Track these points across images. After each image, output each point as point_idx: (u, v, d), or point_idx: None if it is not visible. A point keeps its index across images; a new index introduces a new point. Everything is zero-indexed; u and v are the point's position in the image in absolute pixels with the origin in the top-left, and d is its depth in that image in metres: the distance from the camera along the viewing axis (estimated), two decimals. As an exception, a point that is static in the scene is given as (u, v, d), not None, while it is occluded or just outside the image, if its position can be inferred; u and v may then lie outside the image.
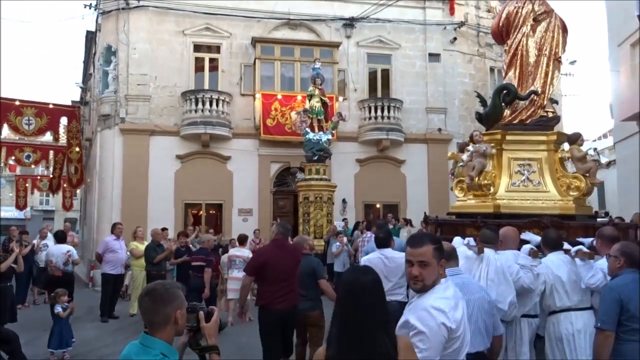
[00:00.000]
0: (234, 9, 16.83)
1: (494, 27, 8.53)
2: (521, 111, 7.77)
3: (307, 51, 17.01)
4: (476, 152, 7.40)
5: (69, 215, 36.00)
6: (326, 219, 14.40)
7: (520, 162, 7.46)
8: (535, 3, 7.91)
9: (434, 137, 17.88)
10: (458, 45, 18.59)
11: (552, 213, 6.75)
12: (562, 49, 7.90)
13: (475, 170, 7.37)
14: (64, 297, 7.67)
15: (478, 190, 7.49)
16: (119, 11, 16.18)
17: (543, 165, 7.40)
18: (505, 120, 7.82)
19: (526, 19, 7.84)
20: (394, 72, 18.14)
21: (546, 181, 7.35)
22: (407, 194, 17.60)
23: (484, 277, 4.52)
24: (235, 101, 16.65)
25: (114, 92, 16.19)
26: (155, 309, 2.29)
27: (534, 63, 7.75)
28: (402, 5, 17.99)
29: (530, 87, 7.67)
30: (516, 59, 7.90)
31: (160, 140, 16.12)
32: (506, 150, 7.53)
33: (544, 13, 7.88)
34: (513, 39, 7.95)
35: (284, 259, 5.73)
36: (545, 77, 7.71)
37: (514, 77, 7.88)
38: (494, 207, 7.10)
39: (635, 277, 3.58)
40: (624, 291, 3.52)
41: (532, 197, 7.26)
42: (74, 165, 21.24)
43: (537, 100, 7.63)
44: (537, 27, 7.83)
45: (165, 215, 15.37)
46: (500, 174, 7.52)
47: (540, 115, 7.65)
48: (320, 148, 14.53)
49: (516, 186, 7.40)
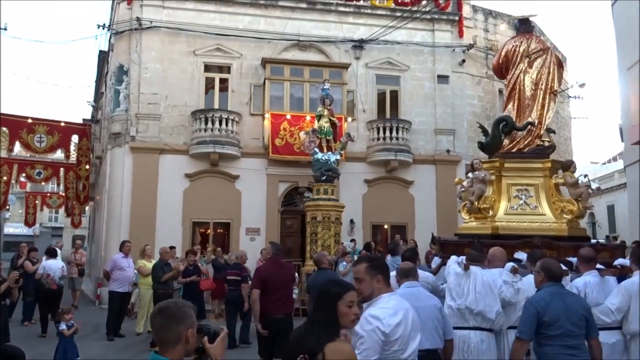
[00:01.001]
0: (245, 30, 17.04)
1: (494, 64, 9.38)
2: (519, 140, 8.50)
3: (316, 72, 17.13)
4: (476, 178, 8.07)
5: (78, 233, 36.16)
6: (334, 239, 14.33)
7: (519, 188, 8.16)
8: (532, 41, 8.70)
9: (442, 158, 17.86)
10: (467, 67, 18.67)
11: (546, 234, 7.36)
12: (557, 83, 8.62)
13: (475, 195, 8.06)
14: (69, 315, 7.65)
15: (478, 213, 8.14)
16: (131, 31, 16.42)
17: (539, 191, 8.05)
18: (504, 149, 8.56)
19: (523, 56, 8.62)
20: (402, 94, 18.21)
21: (542, 205, 7.99)
22: (416, 215, 17.53)
23: (472, 290, 5.14)
24: (244, 121, 16.76)
25: (125, 111, 16.35)
26: (168, 327, 2.29)
27: (530, 96, 8.48)
28: (411, 28, 18.15)
29: (527, 119, 8.38)
30: (514, 93, 8.63)
31: (169, 158, 16.22)
32: (505, 177, 8.23)
33: (540, 50, 8.65)
34: (512, 75, 8.69)
35: (280, 274, 6.82)
36: (541, 109, 8.44)
37: (513, 109, 8.62)
38: (492, 228, 7.81)
39: (552, 290, 4.14)
40: (540, 305, 4.06)
41: (528, 220, 7.91)
42: (82, 183, 21.42)
43: (534, 130, 8.33)
44: (534, 63, 8.59)
45: (173, 233, 15.39)
46: (499, 198, 8.21)
47: (537, 144, 8.37)
48: (329, 168, 14.53)
49: (514, 209, 8.11)
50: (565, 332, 3.96)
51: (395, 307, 3.28)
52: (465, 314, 5.14)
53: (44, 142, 19.03)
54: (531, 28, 9.41)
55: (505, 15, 20.35)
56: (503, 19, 19.98)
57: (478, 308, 5.09)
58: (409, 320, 3.26)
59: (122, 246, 11.09)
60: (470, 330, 5.11)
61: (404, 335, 3.19)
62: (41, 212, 33.85)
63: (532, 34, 9.18)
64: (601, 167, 39.18)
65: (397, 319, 3.20)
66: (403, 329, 3.20)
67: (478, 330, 5.11)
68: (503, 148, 8.60)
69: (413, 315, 3.33)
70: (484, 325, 5.11)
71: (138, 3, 16.58)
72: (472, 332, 5.10)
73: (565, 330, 3.97)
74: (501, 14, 20.22)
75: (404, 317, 3.25)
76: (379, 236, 17.27)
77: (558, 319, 3.98)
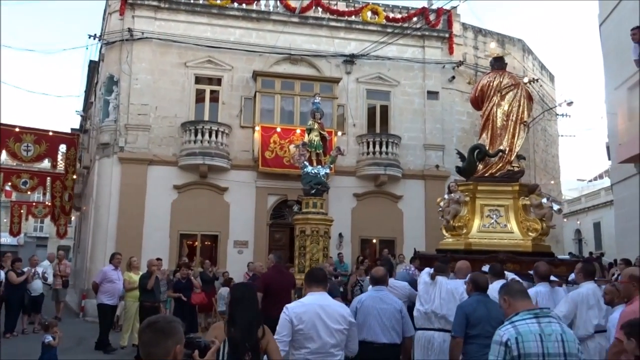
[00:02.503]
0: (236, 43, 17.08)
1: (471, 97, 10.29)
2: (492, 166, 9.48)
3: (307, 86, 17.19)
4: (451, 199, 9.14)
5: (63, 243, 35.71)
6: (322, 253, 14.26)
7: (490, 208, 9.14)
8: (504, 77, 9.67)
9: (431, 173, 17.92)
10: (456, 83, 18.84)
11: (512, 250, 8.29)
12: (527, 114, 9.60)
13: (450, 214, 9.12)
14: (56, 327, 7.53)
15: (453, 230, 9.14)
16: (122, 42, 16.38)
17: (509, 211, 9.00)
18: (478, 173, 9.53)
19: (496, 90, 9.60)
20: (392, 109, 18.31)
21: (511, 224, 8.94)
22: (404, 230, 17.53)
23: (437, 297, 6.00)
24: (234, 133, 16.73)
25: (114, 121, 16.25)
26: (157, 342, 2.27)
27: (502, 127, 9.47)
28: (401, 44, 18.31)
29: (499, 147, 9.39)
30: (488, 123, 9.62)
31: (158, 170, 16.11)
32: (479, 198, 9.20)
33: (512, 85, 9.61)
34: (486, 107, 9.69)
35: (281, 280, 7.70)
36: (512, 138, 9.40)
37: (487, 137, 9.63)
38: (465, 244, 8.78)
39: (479, 298, 4.97)
40: (468, 309, 4.91)
41: (498, 237, 8.87)
42: (68, 193, 21.20)
43: (505, 157, 9.32)
44: (506, 96, 9.55)
45: (160, 245, 15.25)
46: (473, 217, 9.16)
47: (508, 170, 9.30)
48: (318, 182, 14.48)
49: (486, 227, 9.06)
50: (484, 333, 4.53)
51: (303, 302, 4.27)
52: (431, 317, 5.98)
53: (31, 151, 18.85)
54: (504, 65, 10.31)
55: (495, 33, 20.62)
56: (492, 36, 20.24)
57: (442, 312, 5.93)
58: (313, 315, 4.08)
59: (112, 258, 10.96)
60: (435, 331, 5.94)
61: (309, 323, 4.03)
62: (26, 222, 33.42)
63: (504, 71, 10.08)
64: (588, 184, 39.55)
65: (302, 310, 4.11)
66: (307, 319, 4.03)
67: (442, 331, 5.87)
68: (477, 172, 9.55)
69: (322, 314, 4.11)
70: (447, 327, 5.69)
71: (130, 14, 16.56)
72: (437, 333, 5.92)
73: (484, 332, 4.60)
74: (490, 32, 20.49)
75: (307, 310, 4.09)
76: (367, 250, 17.22)
77: (480, 321, 4.76)
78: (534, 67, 22.31)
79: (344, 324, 4.19)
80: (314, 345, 4.04)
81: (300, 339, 4.05)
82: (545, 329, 3.20)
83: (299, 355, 4.07)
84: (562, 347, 3.17)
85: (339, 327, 4.15)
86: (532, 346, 3.14)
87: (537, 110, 21.88)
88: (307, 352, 4.04)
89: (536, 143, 21.99)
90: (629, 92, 10.21)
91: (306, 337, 4.04)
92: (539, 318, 3.25)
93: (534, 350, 3.13)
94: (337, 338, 4.13)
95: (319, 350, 4.05)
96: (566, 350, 3.16)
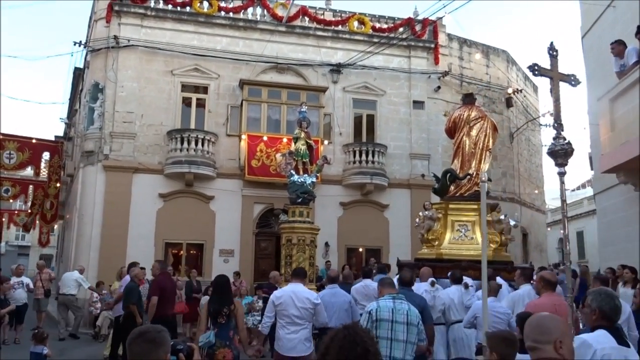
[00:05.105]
0: (223, 51, 17.08)
1: (446, 127, 11.77)
2: (461, 187, 10.91)
3: (293, 94, 17.22)
4: (426, 217, 10.64)
5: (45, 252, 35.21)
6: (308, 262, 14.24)
7: (460, 223, 10.56)
8: (473, 111, 11.20)
9: (417, 182, 18.01)
10: (442, 93, 19.00)
11: (475, 259, 8.91)
12: (492, 142, 11.14)
13: (424, 229, 10.62)
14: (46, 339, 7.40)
15: (428, 243, 10.65)
16: (108, 49, 16.29)
17: (475, 226, 10.32)
18: (450, 193, 11.02)
19: (465, 122, 11.07)
20: (379, 118, 18.40)
21: (477, 237, 10.20)
22: (390, 239, 17.57)
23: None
24: (220, 141, 16.68)
25: (98, 129, 16.12)
26: (149, 352, 2.32)
27: (470, 153, 10.91)
28: (388, 54, 18.44)
29: (468, 171, 10.79)
30: (459, 151, 11.10)
31: (143, 178, 15.99)
32: (450, 215, 10.66)
33: (479, 118, 11.15)
34: (457, 137, 11.18)
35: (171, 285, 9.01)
36: (478, 163, 10.83)
37: (457, 162, 11.08)
38: (437, 254, 10.23)
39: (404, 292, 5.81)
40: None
41: (465, 248, 10.19)
42: (50, 201, 20.93)
43: (472, 179, 10.65)
44: (474, 127, 10.98)
45: (145, 254, 15.06)
46: (445, 231, 10.58)
47: (475, 190, 10.36)
48: (305, 190, 14.47)
49: (456, 240, 10.46)
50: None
51: (284, 289, 6.58)
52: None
53: (14, 159, 18.64)
54: (474, 100, 11.90)
55: (480, 44, 20.85)
56: (477, 47, 20.47)
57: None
58: (288, 297, 6.21)
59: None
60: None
61: (284, 302, 6.18)
62: (8, 230, 32.91)
63: (473, 105, 11.56)
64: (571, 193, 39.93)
65: (280, 294, 6.34)
66: (284, 299, 6.21)
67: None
68: (449, 193, 11.01)
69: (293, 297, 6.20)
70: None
71: (116, 21, 16.49)
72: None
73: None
74: (475, 43, 20.71)
75: (284, 294, 6.28)
76: (353, 259, 17.22)
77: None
78: (518, 77, 22.58)
79: (309, 305, 6.22)
80: (286, 315, 6.18)
81: (280, 311, 6.21)
82: (397, 306, 4.87)
83: (280, 321, 6.23)
84: (406, 318, 4.82)
85: (304, 306, 6.19)
86: (385, 315, 4.80)
87: (520, 121, 22.14)
88: (284, 321, 6.22)
89: (520, 153, 22.20)
90: (611, 103, 10.36)
91: (282, 310, 6.21)
92: (394, 300, 4.94)
93: (385, 317, 4.79)
94: (301, 313, 6.18)
95: (291, 319, 6.18)
96: (409, 320, 4.83)
